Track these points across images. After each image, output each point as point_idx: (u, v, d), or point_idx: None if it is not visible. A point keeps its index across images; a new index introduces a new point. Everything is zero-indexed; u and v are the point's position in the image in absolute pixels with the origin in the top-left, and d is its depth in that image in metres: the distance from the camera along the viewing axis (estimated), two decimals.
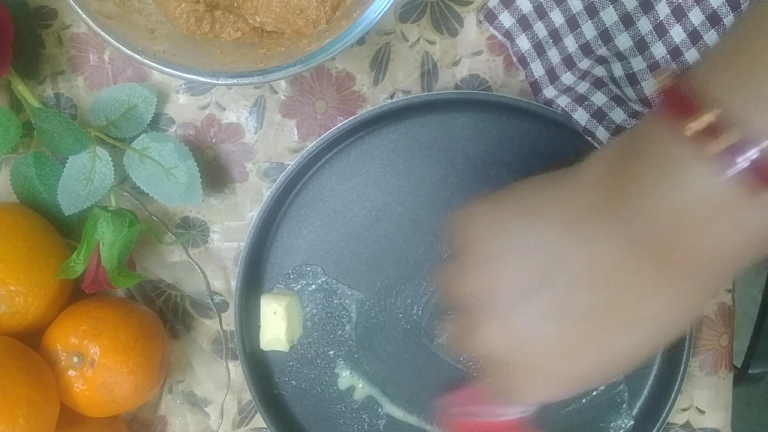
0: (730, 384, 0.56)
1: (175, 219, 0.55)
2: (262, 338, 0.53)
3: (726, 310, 0.56)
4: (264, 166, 0.55)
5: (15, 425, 0.44)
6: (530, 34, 0.52)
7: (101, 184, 0.50)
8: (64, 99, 0.54)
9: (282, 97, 0.54)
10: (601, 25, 0.50)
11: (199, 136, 0.54)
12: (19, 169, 0.51)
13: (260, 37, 0.49)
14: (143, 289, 0.55)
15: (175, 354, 0.55)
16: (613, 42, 0.50)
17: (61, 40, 0.53)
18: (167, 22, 0.48)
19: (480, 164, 0.53)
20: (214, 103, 0.54)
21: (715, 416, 0.56)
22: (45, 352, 0.48)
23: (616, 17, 0.50)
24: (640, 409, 0.55)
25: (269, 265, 0.55)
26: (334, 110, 0.54)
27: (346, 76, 0.54)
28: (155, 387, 0.52)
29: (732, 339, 0.56)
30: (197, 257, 0.54)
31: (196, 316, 0.55)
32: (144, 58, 0.42)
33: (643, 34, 0.50)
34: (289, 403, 0.55)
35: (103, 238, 0.48)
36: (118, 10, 0.45)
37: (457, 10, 0.53)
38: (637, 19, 0.49)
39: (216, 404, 0.55)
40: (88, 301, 0.51)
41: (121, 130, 0.52)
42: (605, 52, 0.50)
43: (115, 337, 0.48)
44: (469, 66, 0.54)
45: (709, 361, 0.56)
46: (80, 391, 0.48)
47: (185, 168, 0.51)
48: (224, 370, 0.54)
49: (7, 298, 0.47)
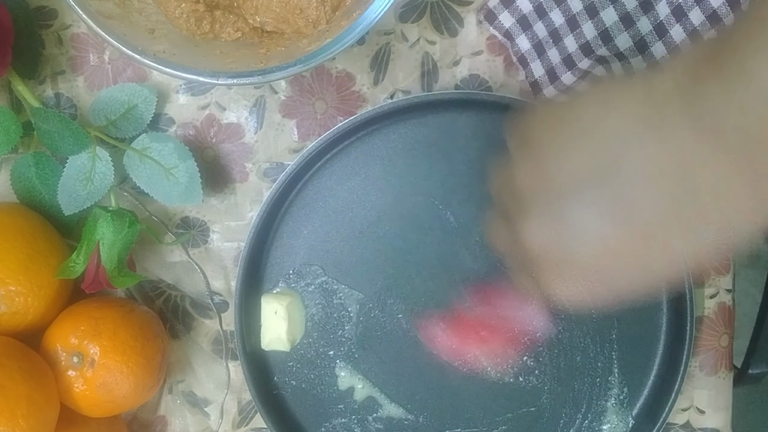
0: (730, 384, 0.56)
1: (175, 219, 0.55)
2: (263, 338, 0.53)
3: (726, 310, 0.56)
4: (264, 166, 0.55)
5: (15, 425, 0.44)
6: (530, 34, 0.52)
7: (101, 184, 0.50)
8: (64, 99, 0.54)
9: (282, 97, 0.54)
10: (601, 25, 0.50)
11: (199, 136, 0.54)
12: (19, 169, 0.51)
13: (260, 37, 0.49)
14: (143, 289, 0.55)
15: (175, 354, 0.55)
16: (613, 42, 0.50)
17: (61, 40, 0.53)
18: (167, 22, 0.48)
19: (480, 164, 0.53)
20: (214, 103, 0.54)
21: (715, 416, 0.56)
22: (45, 352, 0.48)
23: (616, 17, 0.50)
24: (639, 409, 0.55)
25: (269, 265, 0.55)
26: (334, 110, 0.54)
27: (346, 76, 0.54)
28: (155, 387, 0.52)
29: (732, 339, 0.56)
30: (197, 257, 0.54)
31: (196, 316, 0.55)
32: (144, 58, 0.42)
33: (643, 34, 0.50)
34: (289, 403, 0.55)
35: (103, 238, 0.48)
36: (118, 10, 0.45)
37: (457, 10, 0.53)
38: (637, 19, 0.49)
39: (216, 404, 0.55)
40: (88, 301, 0.51)
41: (121, 130, 0.52)
42: (605, 52, 0.50)
43: (115, 337, 0.48)
44: (469, 66, 0.54)
45: (709, 361, 0.56)
46: (80, 391, 0.48)
47: (185, 168, 0.51)
48: (224, 370, 0.54)
49: (7, 298, 0.47)
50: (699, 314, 0.55)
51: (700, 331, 0.56)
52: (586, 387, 0.54)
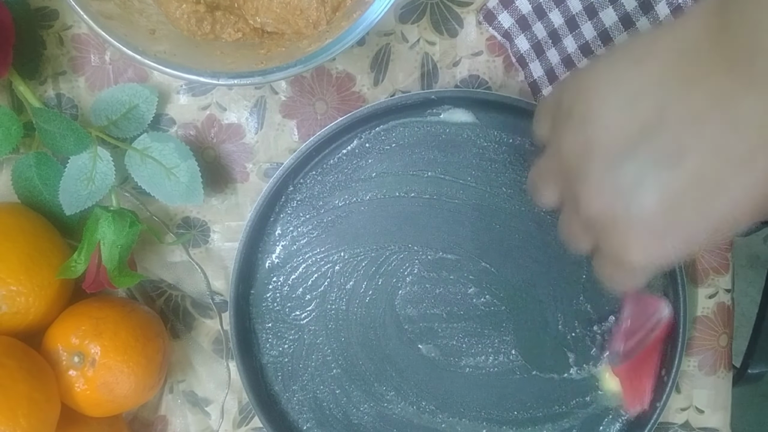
0: (729, 384, 0.57)
1: (175, 219, 0.55)
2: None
3: (725, 310, 0.56)
4: (264, 166, 0.55)
5: (16, 425, 0.44)
6: (529, 35, 0.52)
7: (102, 184, 0.50)
8: (65, 99, 0.54)
9: (282, 98, 0.54)
10: (600, 25, 0.50)
11: (199, 137, 0.55)
12: (21, 170, 0.51)
13: (261, 37, 0.49)
14: (144, 289, 0.55)
15: (176, 354, 0.55)
16: (613, 42, 0.50)
17: (62, 41, 0.54)
18: (168, 23, 0.48)
19: (478, 162, 0.54)
20: (214, 104, 0.54)
21: (714, 416, 0.56)
22: (46, 352, 0.48)
23: (616, 18, 0.50)
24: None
25: (263, 265, 0.55)
26: (334, 111, 0.54)
27: (347, 76, 0.54)
28: (156, 387, 0.52)
29: (731, 339, 0.56)
30: (198, 257, 0.54)
31: (196, 316, 0.56)
32: (145, 58, 0.43)
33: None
34: (287, 404, 0.55)
35: (104, 238, 0.48)
36: (119, 11, 0.45)
37: (457, 10, 0.53)
38: (637, 19, 0.49)
39: (216, 404, 0.55)
40: (88, 301, 0.51)
41: (122, 130, 0.52)
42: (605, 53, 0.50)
43: (116, 337, 0.48)
44: (468, 66, 0.54)
45: (708, 360, 0.56)
46: (81, 391, 0.48)
47: (186, 168, 0.51)
48: (225, 370, 0.54)
49: (8, 297, 0.47)
50: (698, 314, 0.56)
51: (699, 331, 0.56)
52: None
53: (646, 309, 0.53)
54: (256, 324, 0.55)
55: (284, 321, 0.55)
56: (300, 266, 0.54)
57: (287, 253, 0.54)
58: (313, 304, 0.55)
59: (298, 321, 0.55)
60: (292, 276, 0.54)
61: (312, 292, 0.54)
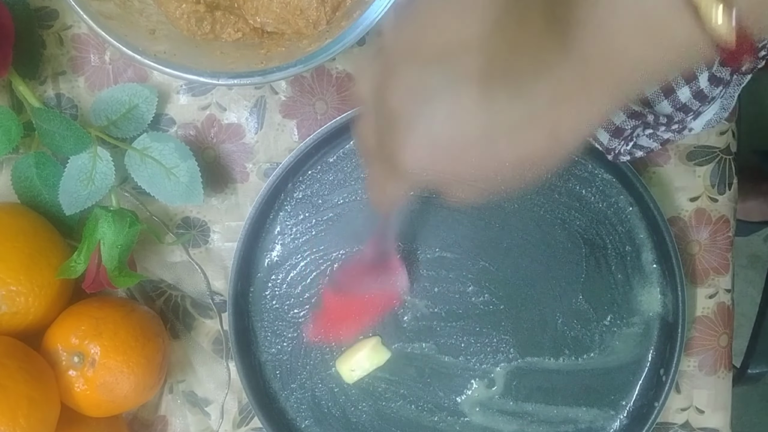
0: (729, 384, 0.57)
1: (175, 219, 0.55)
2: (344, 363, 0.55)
3: (725, 310, 0.56)
4: (264, 166, 0.55)
5: (16, 425, 0.44)
6: None
7: (102, 184, 0.50)
8: (65, 99, 0.54)
9: (282, 98, 0.54)
10: None
11: (199, 137, 0.55)
12: (20, 170, 0.51)
13: (261, 37, 0.49)
14: (144, 289, 0.55)
15: (176, 354, 0.55)
16: None
17: (62, 41, 0.54)
18: (168, 23, 0.48)
19: None
20: (214, 104, 0.54)
21: (715, 416, 0.56)
22: (46, 352, 0.48)
23: None
24: (631, 408, 0.55)
25: (262, 263, 0.55)
26: (334, 111, 0.54)
27: (347, 76, 0.54)
28: (156, 387, 0.52)
29: (731, 339, 0.56)
30: (198, 257, 0.54)
31: (196, 316, 0.56)
32: (145, 58, 0.43)
33: None
34: (285, 402, 0.55)
35: (104, 238, 0.48)
36: (119, 11, 0.45)
37: None
38: None
39: (216, 404, 0.55)
40: (88, 301, 0.51)
41: (122, 130, 0.52)
42: None
43: (116, 337, 0.48)
44: None
45: (708, 360, 0.56)
46: (81, 391, 0.48)
47: (186, 168, 0.51)
48: (224, 370, 0.54)
49: (8, 298, 0.47)
50: (698, 314, 0.56)
51: (699, 331, 0.56)
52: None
53: (387, 266, 0.51)
54: (254, 322, 0.55)
55: (283, 319, 0.55)
56: (299, 264, 0.54)
57: (286, 251, 0.54)
58: (311, 303, 0.55)
59: (296, 319, 0.55)
60: (291, 274, 0.54)
61: (311, 290, 0.55)
